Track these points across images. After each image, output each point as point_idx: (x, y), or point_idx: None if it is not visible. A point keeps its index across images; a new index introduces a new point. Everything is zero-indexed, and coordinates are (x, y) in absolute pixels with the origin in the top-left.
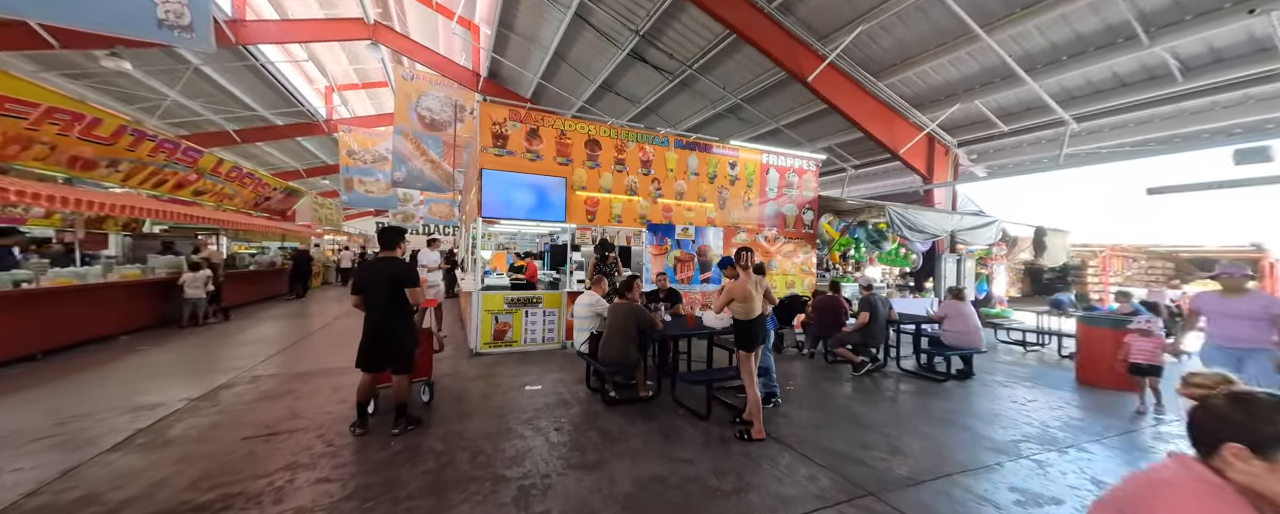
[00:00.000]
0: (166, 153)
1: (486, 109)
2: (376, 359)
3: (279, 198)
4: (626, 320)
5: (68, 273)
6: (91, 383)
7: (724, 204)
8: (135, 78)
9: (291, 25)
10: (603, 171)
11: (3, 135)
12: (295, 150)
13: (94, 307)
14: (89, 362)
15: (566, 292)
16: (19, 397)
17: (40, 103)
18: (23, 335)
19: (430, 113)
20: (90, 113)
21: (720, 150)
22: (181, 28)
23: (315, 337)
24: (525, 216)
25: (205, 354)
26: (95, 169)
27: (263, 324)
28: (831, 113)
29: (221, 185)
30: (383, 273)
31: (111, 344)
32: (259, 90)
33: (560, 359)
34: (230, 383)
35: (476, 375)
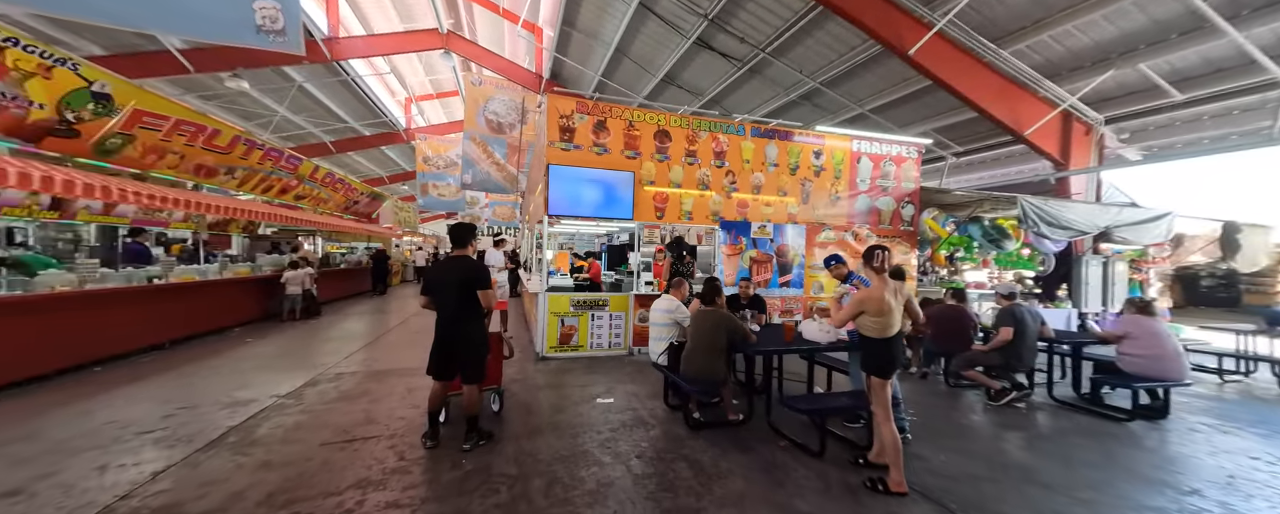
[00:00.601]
0: (273, 161)
1: (554, 101)
2: (447, 366)
3: (365, 202)
4: (714, 331)
5: (191, 270)
6: (202, 373)
7: (808, 198)
8: (252, 96)
9: (376, 39)
10: (672, 165)
11: (143, 146)
12: (379, 158)
13: (212, 301)
14: (205, 351)
15: (633, 294)
16: (144, 384)
17: (170, 116)
18: (155, 325)
19: (496, 116)
20: (211, 124)
21: (803, 138)
22: (276, 32)
23: (392, 334)
24: (592, 214)
25: (298, 348)
26: (215, 176)
27: (349, 319)
28: (930, 93)
29: (318, 190)
30: (453, 272)
31: (226, 335)
32: (350, 103)
33: (629, 368)
34: (315, 380)
35: (545, 383)
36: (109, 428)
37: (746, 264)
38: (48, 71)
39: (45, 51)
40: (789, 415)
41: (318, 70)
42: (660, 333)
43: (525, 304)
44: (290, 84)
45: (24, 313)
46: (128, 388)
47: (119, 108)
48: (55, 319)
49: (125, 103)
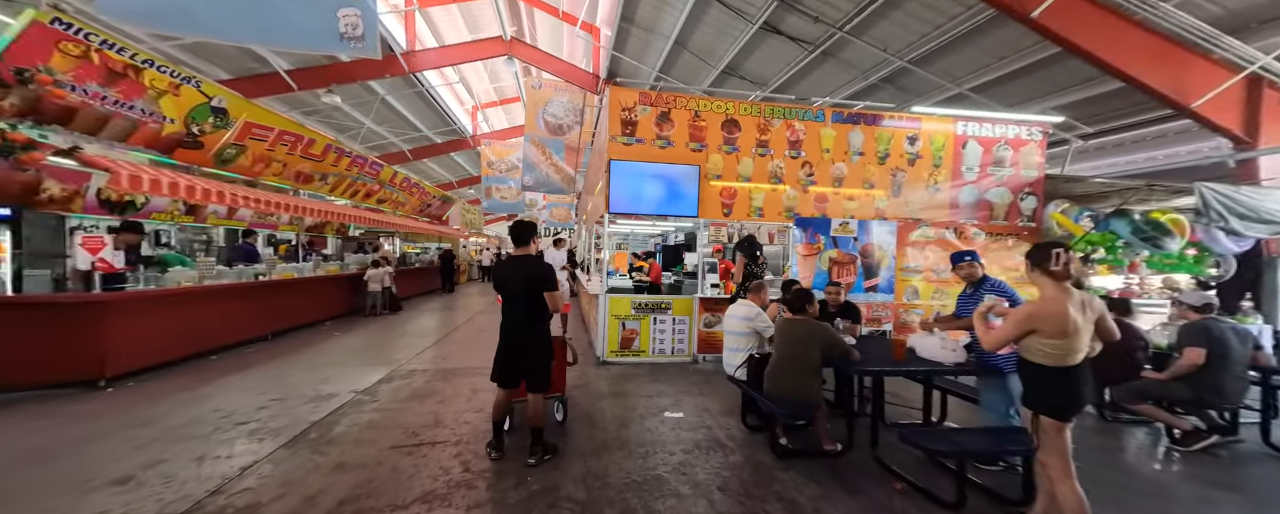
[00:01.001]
0: (359, 167)
1: (616, 94)
2: (512, 373)
3: (437, 204)
4: (807, 345)
5: (290, 268)
6: (294, 365)
7: (899, 190)
8: (344, 110)
9: (447, 50)
10: (742, 157)
11: (252, 155)
12: (449, 164)
13: (308, 296)
14: (299, 343)
15: (698, 297)
16: (247, 374)
17: (274, 127)
18: (261, 319)
19: (555, 118)
20: (307, 134)
21: (894, 122)
22: (356, 39)
23: (459, 331)
24: (654, 211)
25: (377, 343)
26: (312, 182)
27: (422, 316)
28: (1051, 64)
29: (396, 194)
30: (518, 272)
31: (318, 328)
32: (424, 113)
33: (695, 377)
34: (390, 376)
35: (607, 391)
36: (213, 416)
37: (825, 266)
38: (176, 89)
39: (174, 71)
40: (897, 448)
41: (397, 83)
42: (737, 343)
43: (582, 305)
44: (374, 97)
45: (158, 306)
46: (234, 377)
47: (233, 120)
48: (182, 312)
49: (238, 116)
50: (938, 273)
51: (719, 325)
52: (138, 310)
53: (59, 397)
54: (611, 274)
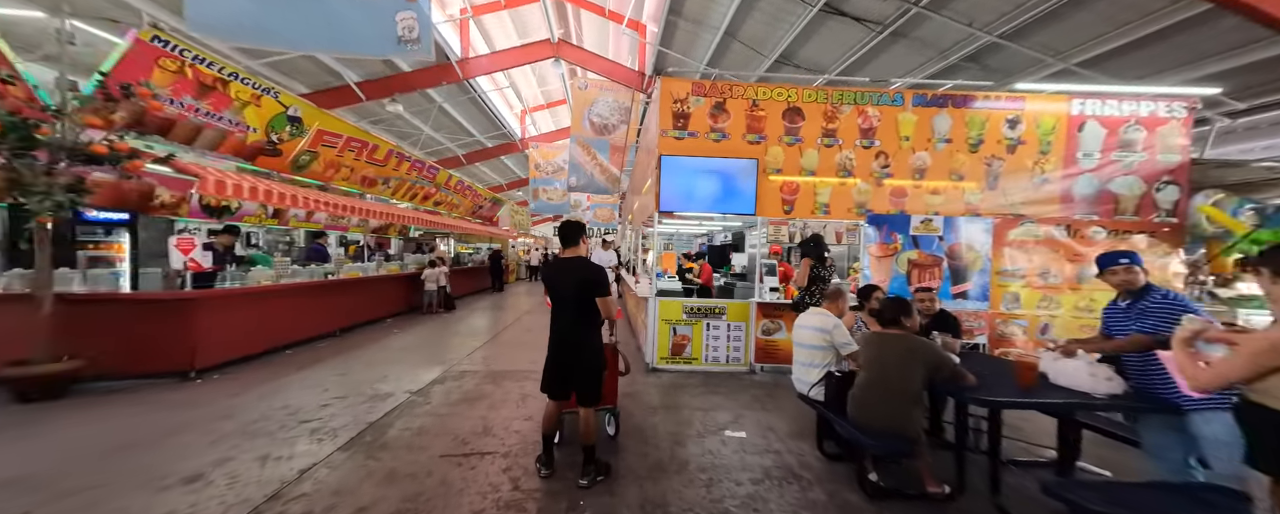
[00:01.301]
0: (417, 171)
1: (667, 85)
2: (562, 385)
3: (488, 206)
4: (906, 367)
5: (355, 267)
6: (357, 362)
7: (996, 181)
8: (405, 118)
9: (498, 56)
10: (805, 148)
11: (324, 162)
12: (499, 167)
13: (371, 294)
14: (363, 340)
15: (755, 302)
16: (314, 370)
17: (342, 134)
18: (330, 315)
19: (600, 118)
20: (371, 140)
21: (991, 103)
22: (413, 41)
23: (508, 331)
24: (707, 209)
25: (432, 342)
26: (375, 186)
27: (474, 315)
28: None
29: (451, 197)
30: (569, 275)
31: (381, 325)
32: (477, 118)
33: (754, 390)
34: (442, 377)
35: (660, 402)
36: (281, 413)
37: (903, 268)
38: (258, 100)
39: (256, 83)
40: (1026, 495)
41: (452, 90)
42: (811, 357)
43: (629, 308)
44: (432, 105)
45: (240, 303)
46: (303, 373)
47: (307, 128)
48: (261, 308)
49: (311, 124)
50: (1045, 277)
51: (779, 333)
52: (223, 307)
53: (156, 386)
54: (659, 276)
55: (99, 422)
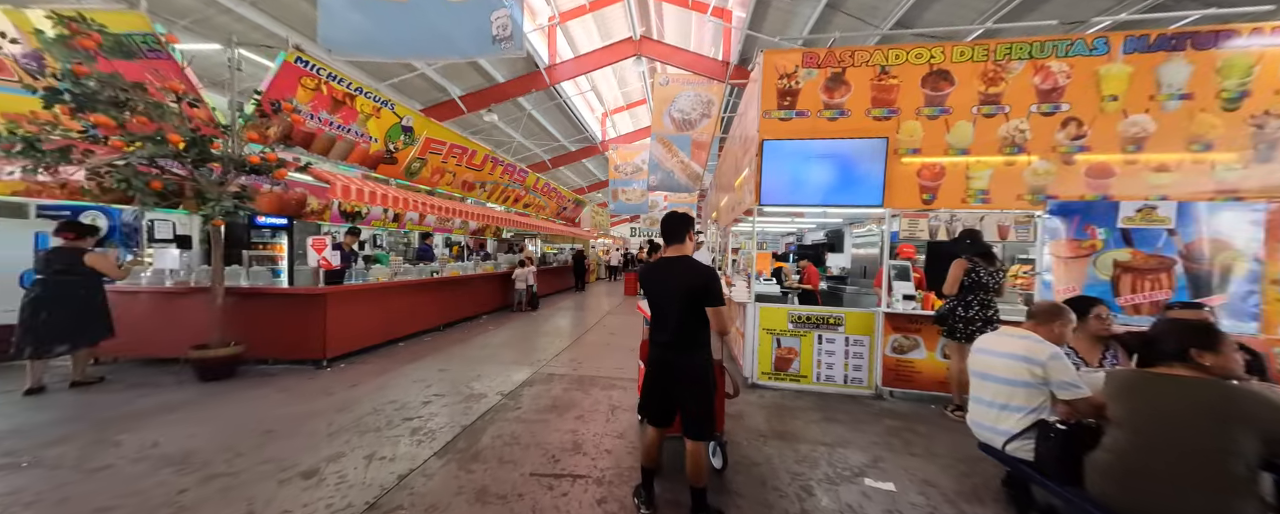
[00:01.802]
0: (509, 175)
1: (771, 58)
2: (665, 411)
3: (571, 208)
4: (1220, 430)
5: (456, 266)
6: (456, 358)
7: (1271, 150)
8: (500, 127)
9: (582, 59)
10: (954, 120)
11: (431, 168)
12: (581, 170)
13: (470, 292)
14: (461, 336)
15: (882, 312)
16: (420, 364)
17: (447, 141)
18: (435, 311)
19: (681, 113)
20: (470, 146)
21: (1260, 39)
22: (506, 39)
23: (591, 333)
24: (820, 201)
25: (521, 340)
26: (473, 190)
27: (558, 314)
28: None
29: (538, 199)
30: (675, 279)
31: (477, 321)
32: (561, 123)
33: (886, 421)
34: (531, 380)
35: (768, 429)
36: (389, 408)
37: (1106, 273)
38: (377, 112)
39: (376, 96)
40: None
41: (540, 98)
42: (1006, 396)
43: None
44: (522, 113)
45: (361, 298)
46: (410, 367)
47: (417, 137)
48: (378, 304)
49: (421, 133)
50: None
51: (916, 352)
52: (348, 302)
53: (297, 372)
54: (756, 279)
55: (252, 403)
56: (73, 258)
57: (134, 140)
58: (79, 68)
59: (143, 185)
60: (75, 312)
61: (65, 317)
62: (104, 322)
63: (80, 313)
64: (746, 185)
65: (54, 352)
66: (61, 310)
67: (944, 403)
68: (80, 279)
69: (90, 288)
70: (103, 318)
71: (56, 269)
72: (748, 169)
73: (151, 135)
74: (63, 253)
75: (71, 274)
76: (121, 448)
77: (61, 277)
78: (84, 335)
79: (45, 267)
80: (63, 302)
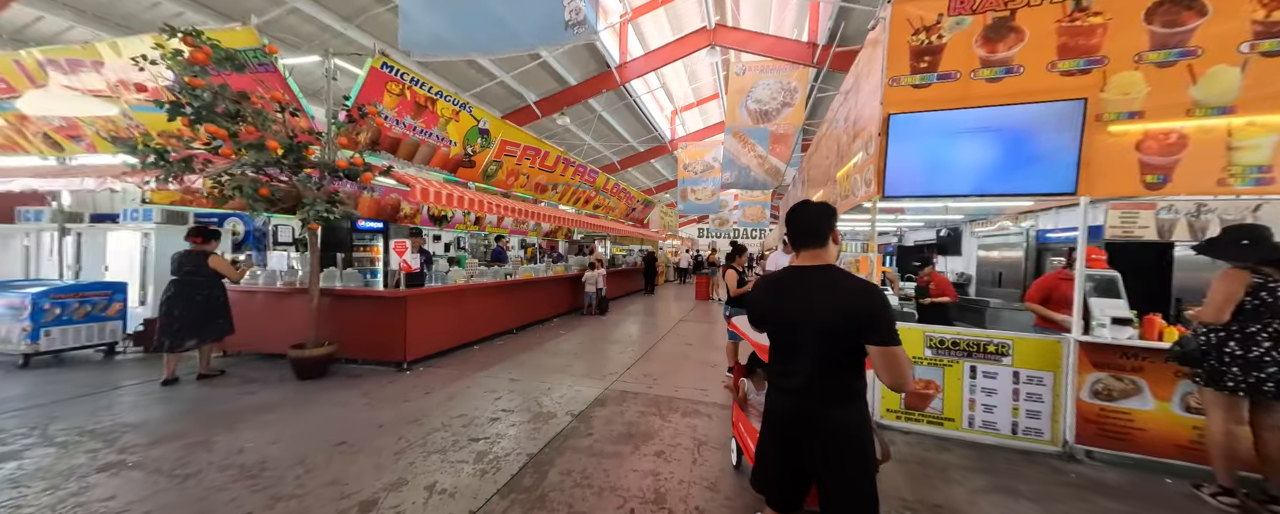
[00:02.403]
0: (580, 175)
1: (904, 9)
2: (794, 489)
3: (640, 208)
4: None
5: (529, 268)
6: (526, 365)
7: None
8: (572, 130)
9: (653, 55)
10: (1204, 66)
11: (506, 171)
12: (649, 171)
13: (542, 295)
14: (533, 340)
15: (1074, 341)
16: (492, 371)
17: (521, 143)
18: (508, 314)
19: (759, 104)
20: (542, 147)
21: None
22: (578, 24)
23: (664, 343)
24: (972, 190)
25: (591, 349)
26: (546, 192)
27: (627, 319)
28: None
29: (608, 200)
30: (817, 302)
31: (548, 324)
32: (630, 123)
33: (1095, 496)
34: (603, 398)
35: (916, 499)
36: (457, 423)
37: None
38: (456, 115)
39: (454, 99)
40: None
41: (610, 99)
42: None
43: None
44: (593, 115)
45: (438, 301)
46: (482, 374)
47: (493, 140)
48: (454, 306)
49: (496, 135)
50: None
51: (1135, 400)
52: (426, 304)
53: (379, 374)
54: None
55: (333, 409)
56: (199, 260)
57: (241, 148)
58: (194, 80)
59: (253, 192)
60: (201, 310)
61: (193, 314)
62: (226, 319)
63: (205, 311)
64: (857, 174)
65: (185, 346)
66: (190, 308)
67: (1190, 477)
68: (205, 280)
69: (213, 288)
70: (224, 315)
71: (186, 271)
72: (861, 154)
73: (255, 142)
74: (191, 256)
75: (198, 275)
76: (213, 452)
77: (190, 277)
78: (208, 331)
79: (177, 268)
80: (191, 300)
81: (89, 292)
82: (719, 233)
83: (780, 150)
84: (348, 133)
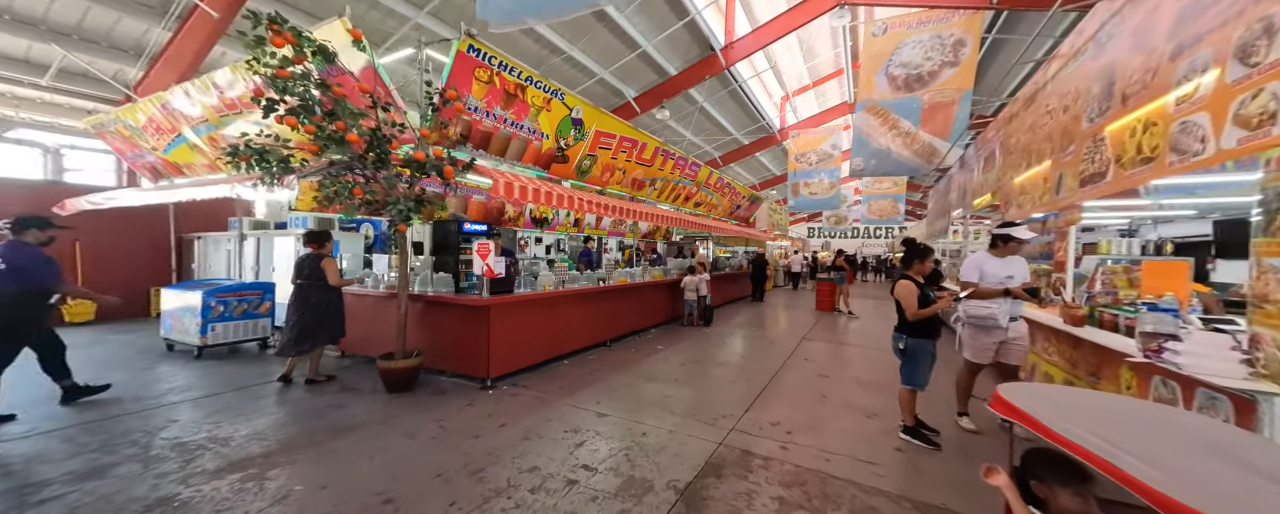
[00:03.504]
0: (680, 169)
1: None
2: None
3: (746, 206)
4: None
5: (624, 272)
6: (619, 393)
7: None
8: (671, 126)
9: (763, 30)
10: None
11: (601, 166)
12: (753, 166)
13: (637, 302)
14: (628, 358)
15: None
16: (579, 397)
17: (616, 134)
18: (601, 324)
19: (907, 67)
20: (640, 138)
21: None
22: None
23: (789, 370)
24: None
25: (697, 372)
26: (643, 189)
27: (734, 334)
28: None
29: (710, 196)
30: None
31: (645, 336)
32: (734, 113)
33: None
34: (718, 462)
35: None
36: (526, 482)
37: None
38: (548, 104)
39: (546, 85)
40: None
41: (713, 87)
42: None
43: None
44: (694, 107)
45: (526, 310)
46: (566, 402)
47: (587, 131)
48: (544, 315)
49: (590, 125)
50: None
51: None
52: (511, 313)
53: (462, 391)
54: (1159, 310)
55: (403, 440)
56: (315, 265)
57: (325, 146)
58: (281, 72)
59: (347, 192)
60: (316, 313)
61: (309, 318)
62: (338, 323)
63: (320, 315)
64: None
65: (298, 350)
66: (307, 312)
67: None
68: (320, 284)
69: (328, 292)
70: (336, 319)
71: (304, 275)
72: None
73: (336, 136)
74: (308, 260)
75: (315, 279)
76: (267, 486)
77: (308, 282)
78: (320, 335)
79: (297, 273)
80: (307, 304)
81: (245, 291)
82: (833, 232)
83: (937, 123)
84: (435, 126)
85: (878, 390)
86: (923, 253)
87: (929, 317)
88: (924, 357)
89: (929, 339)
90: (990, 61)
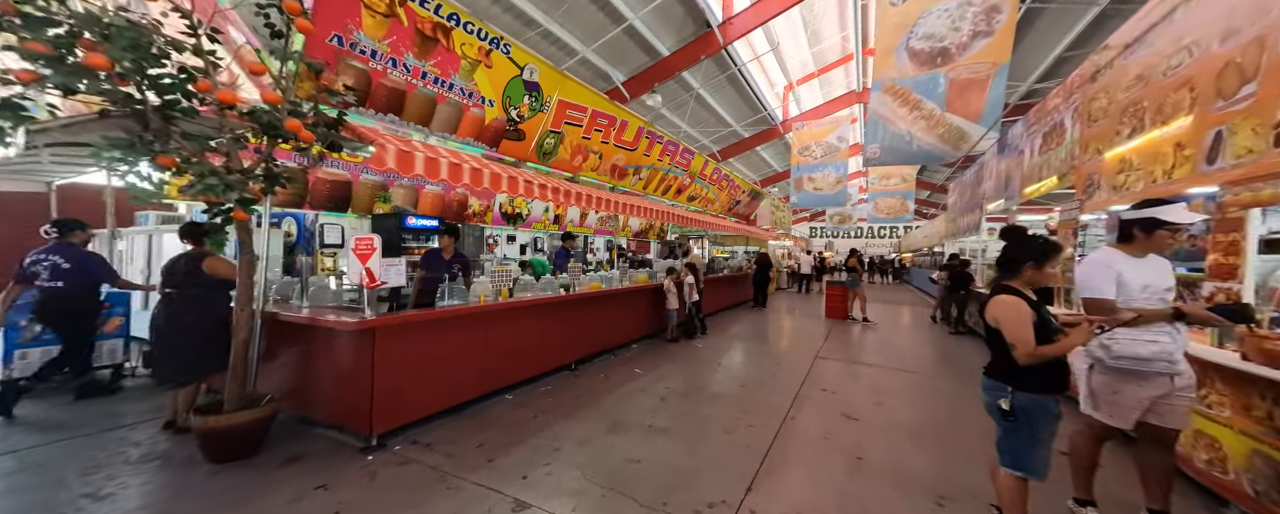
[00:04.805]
0: (670, 156)
1: None
2: None
3: (746, 201)
4: None
5: (593, 278)
6: (575, 450)
7: None
8: (664, 115)
9: (765, 2)
10: None
11: (570, 146)
12: (753, 161)
13: (613, 313)
14: (597, 387)
15: None
16: (512, 459)
17: (587, 107)
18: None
19: (931, 39)
20: (620, 115)
21: None
22: None
23: (807, 412)
24: None
25: (680, 412)
26: (626, 177)
27: (732, 350)
28: None
29: (706, 188)
30: None
31: (623, 354)
32: (733, 103)
33: None
34: None
35: None
36: None
37: None
38: (487, 57)
39: (483, 30)
40: None
41: (709, 71)
42: None
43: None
44: (689, 94)
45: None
46: (476, 477)
47: (547, 98)
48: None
49: (551, 93)
50: None
51: None
52: (413, 339)
53: (333, 458)
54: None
55: None
56: (193, 266)
57: (37, 62)
58: None
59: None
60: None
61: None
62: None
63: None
64: None
65: (168, 383)
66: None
67: None
68: (199, 294)
69: (207, 306)
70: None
71: (179, 281)
72: None
73: (60, 42)
74: (184, 261)
75: (194, 286)
76: None
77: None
78: (195, 368)
79: (167, 279)
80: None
81: None
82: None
83: (967, 103)
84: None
85: (934, 443)
86: (1043, 251)
87: (1053, 359)
88: (1044, 423)
89: (1051, 394)
90: (1037, 23)
